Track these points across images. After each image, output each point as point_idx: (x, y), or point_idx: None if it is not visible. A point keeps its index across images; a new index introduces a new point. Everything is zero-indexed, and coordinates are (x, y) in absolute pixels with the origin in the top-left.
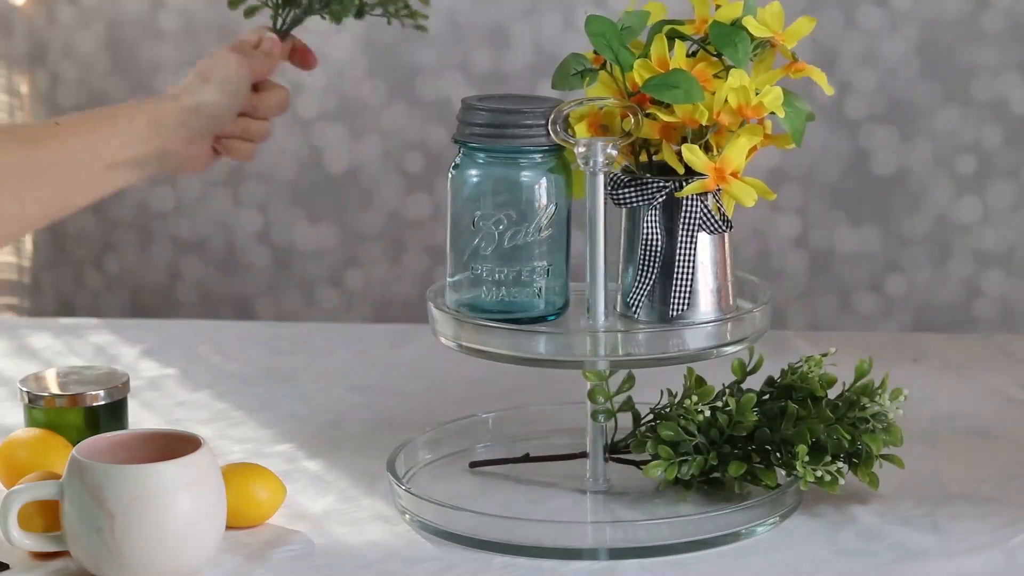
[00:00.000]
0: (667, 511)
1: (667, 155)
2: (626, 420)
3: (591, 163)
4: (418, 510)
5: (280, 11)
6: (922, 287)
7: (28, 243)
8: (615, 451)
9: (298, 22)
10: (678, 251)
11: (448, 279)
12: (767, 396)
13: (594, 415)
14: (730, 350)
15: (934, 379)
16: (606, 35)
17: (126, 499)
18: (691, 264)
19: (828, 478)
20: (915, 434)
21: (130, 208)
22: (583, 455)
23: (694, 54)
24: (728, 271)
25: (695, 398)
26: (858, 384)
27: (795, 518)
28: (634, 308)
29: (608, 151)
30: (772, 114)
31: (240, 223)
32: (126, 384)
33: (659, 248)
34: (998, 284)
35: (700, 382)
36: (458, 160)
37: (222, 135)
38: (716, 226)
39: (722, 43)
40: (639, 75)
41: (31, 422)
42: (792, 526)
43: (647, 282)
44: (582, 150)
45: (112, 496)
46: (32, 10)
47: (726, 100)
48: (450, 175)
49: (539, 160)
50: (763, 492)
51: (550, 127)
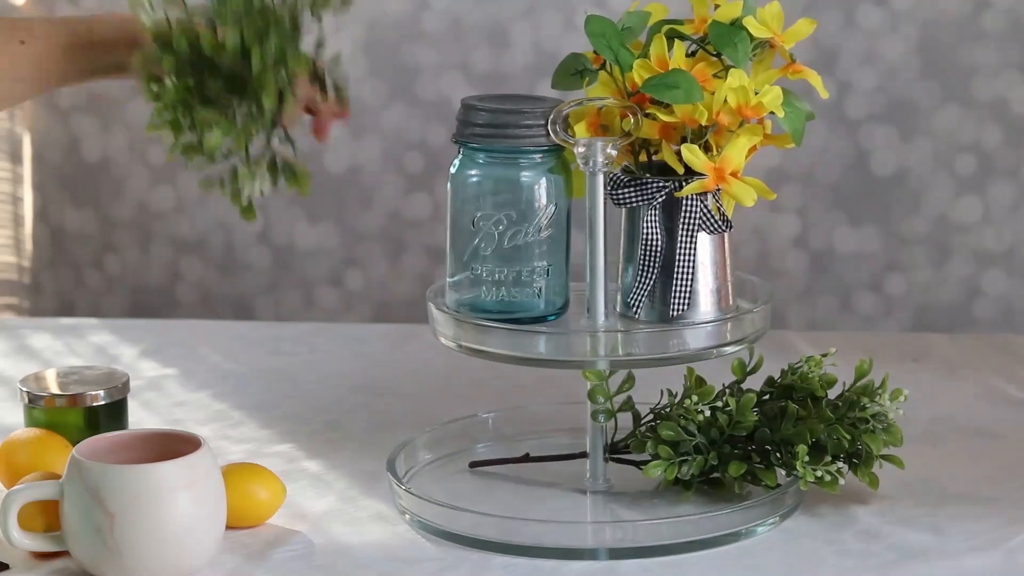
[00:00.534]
0: (667, 511)
1: (667, 155)
2: (626, 420)
3: (591, 163)
4: (418, 510)
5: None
6: (922, 287)
7: (28, 243)
8: (615, 451)
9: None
10: (678, 251)
11: (448, 279)
12: (767, 396)
13: (594, 415)
14: (730, 350)
15: (934, 379)
16: (606, 35)
17: (126, 499)
18: (691, 264)
19: (828, 478)
20: (915, 434)
21: (130, 208)
22: (583, 455)
23: (693, 54)
24: (728, 271)
25: (695, 398)
26: (858, 384)
27: (795, 518)
28: (634, 308)
29: (608, 151)
30: (772, 114)
31: (240, 223)
32: (126, 384)
33: (659, 248)
34: (998, 284)
35: (700, 382)
36: (457, 161)
37: None
38: (716, 226)
39: (722, 43)
40: (638, 75)
41: (31, 422)
42: (792, 526)
43: (647, 282)
44: (582, 150)
45: (112, 496)
46: (32, 10)
47: (725, 100)
48: (450, 175)
49: (539, 160)
50: (763, 492)
51: (550, 127)
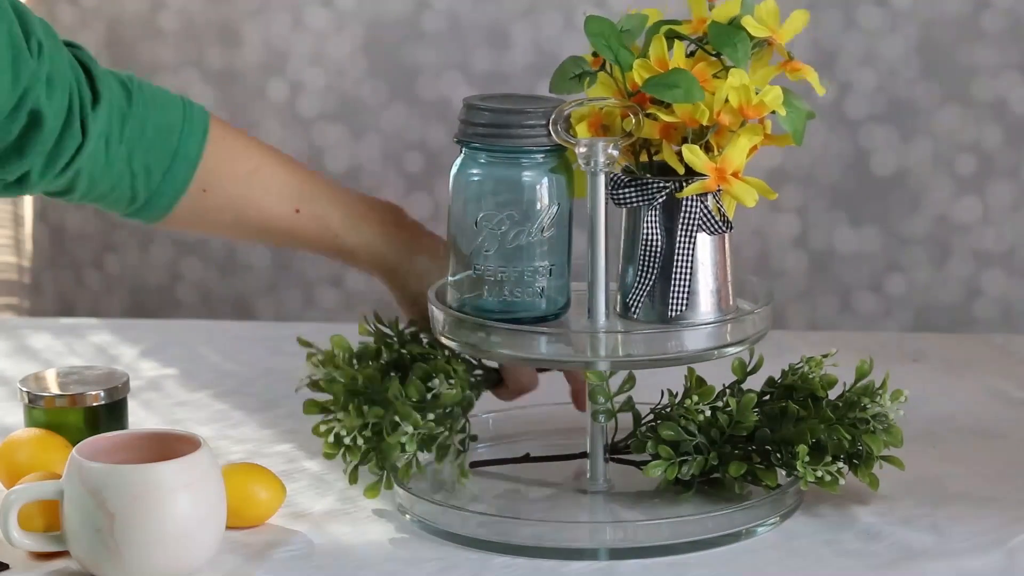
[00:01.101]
0: (667, 511)
1: (667, 155)
2: (626, 420)
3: (592, 163)
4: (418, 510)
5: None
6: (922, 287)
7: (28, 243)
8: (615, 451)
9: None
10: (678, 251)
11: (450, 279)
12: (768, 396)
13: (594, 415)
14: (730, 351)
15: (934, 379)
16: (605, 35)
17: (126, 499)
18: (691, 264)
19: (828, 478)
20: (915, 434)
21: None
22: (583, 455)
23: (692, 54)
24: (728, 271)
25: (695, 398)
26: (859, 385)
27: (795, 518)
28: (634, 308)
29: (609, 151)
30: (772, 114)
31: None
32: (126, 384)
33: (659, 248)
34: (998, 284)
35: (700, 382)
36: (459, 161)
37: None
38: (716, 226)
39: (721, 43)
40: (639, 75)
41: (31, 422)
42: (792, 526)
43: (647, 282)
44: (583, 150)
45: (112, 496)
46: (32, 10)
47: (727, 100)
48: (451, 175)
49: (541, 160)
50: (763, 492)
51: (551, 127)
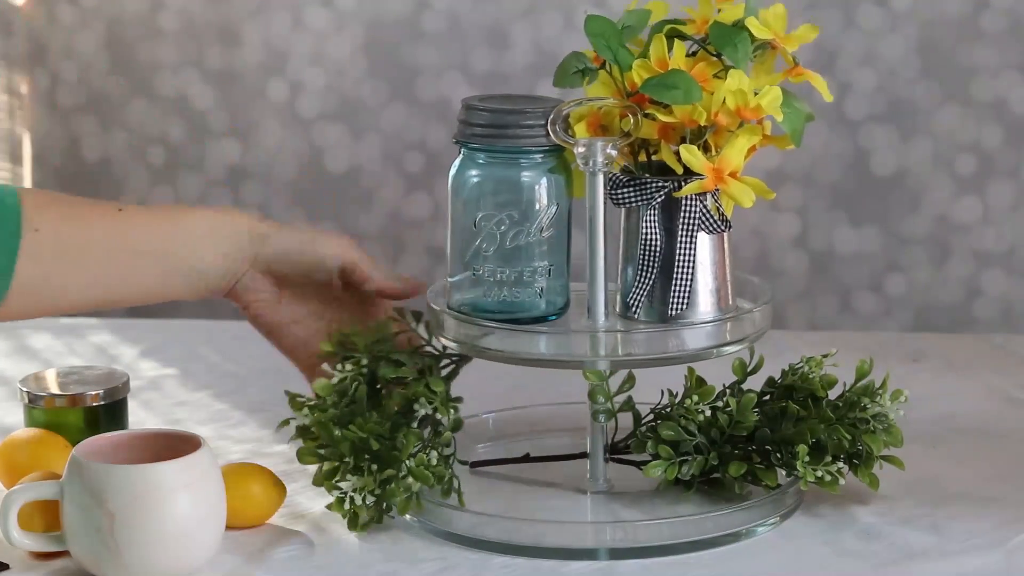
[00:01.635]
0: (667, 511)
1: (666, 155)
2: (626, 420)
3: (591, 163)
4: (418, 510)
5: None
6: (922, 287)
7: None
8: (615, 451)
9: None
10: (677, 251)
11: (449, 279)
12: (768, 396)
13: (594, 415)
14: (730, 350)
15: (934, 379)
16: (605, 35)
17: (126, 499)
18: (690, 264)
19: (828, 478)
20: (915, 434)
21: None
22: (583, 455)
23: (694, 54)
24: (727, 271)
25: (695, 398)
26: (859, 385)
27: (795, 518)
28: (634, 308)
29: (607, 151)
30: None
31: None
32: (126, 384)
33: (658, 248)
34: (998, 284)
35: (700, 382)
36: (458, 162)
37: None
38: (715, 226)
39: (722, 43)
40: (638, 75)
41: (31, 422)
42: (792, 526)
43: (646, 282)
44: (582, 150)
45: (112, 496)
46: (32, 10)
47: (724, 101)
48: (451, 175)
49: (539, 160)
50: (763, 492)
51: (550, 127)
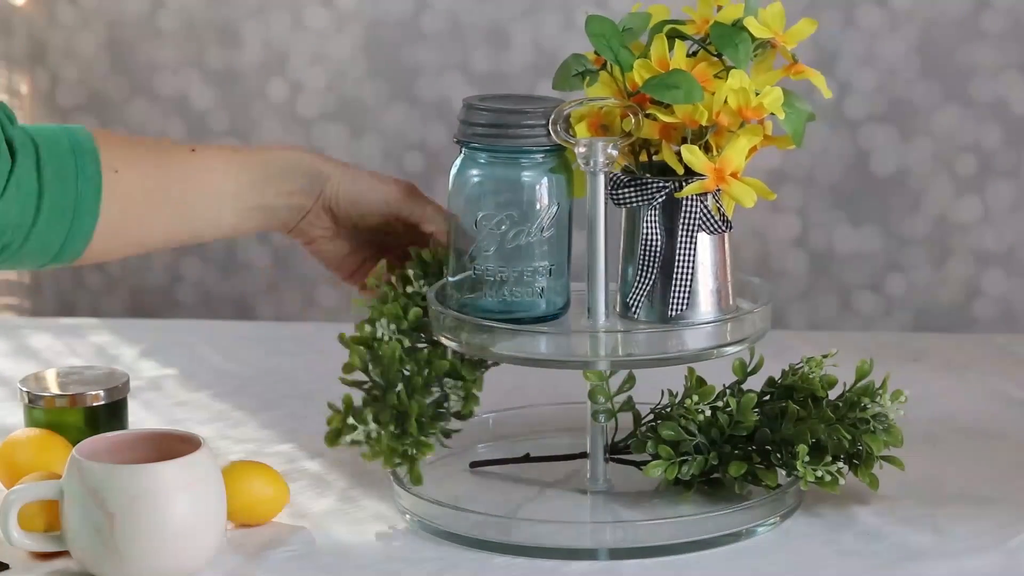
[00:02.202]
0: (667, 511)
1: (667, 155)
2: (626, 420)
3: (591, 163)
4: (418, 510)
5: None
6: (922, 287)
7: None
8: (615, 451)
9: None
10: (678, 251)
11: (449, 279)
12: (768, 396)
13: (594, 415)
14: (730, 350)
15: (934, 379)
16: (606, 35)
17: (126, 499)
18: (691, 264)
19: (828, 478)
20: (915, 434)
21: None
22: (583, 455)
23: (694, 54)
24: (728, 271)
25: (696, 398)
26: (859, 385)
27: (795, 518)
28: (634, 308)
29: (608, 151)
30: (772, 114)
31: None
32: (126, 384)
33: (659, 248)
34: (998, 284)
35: (701, 382)
36: (459, 161)
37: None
38: (716, 226)
39: (723, 43)
40: (639, 75)
41: (31, 422)
42: (792, 526)
43: (647, 282)
44: (583, 150)
45: (112, 496)
46: (32, 10)
47: (725, 101)
48: (451, 175)
49: (540, 160)
50: (763, 492)
51: (551, 127)
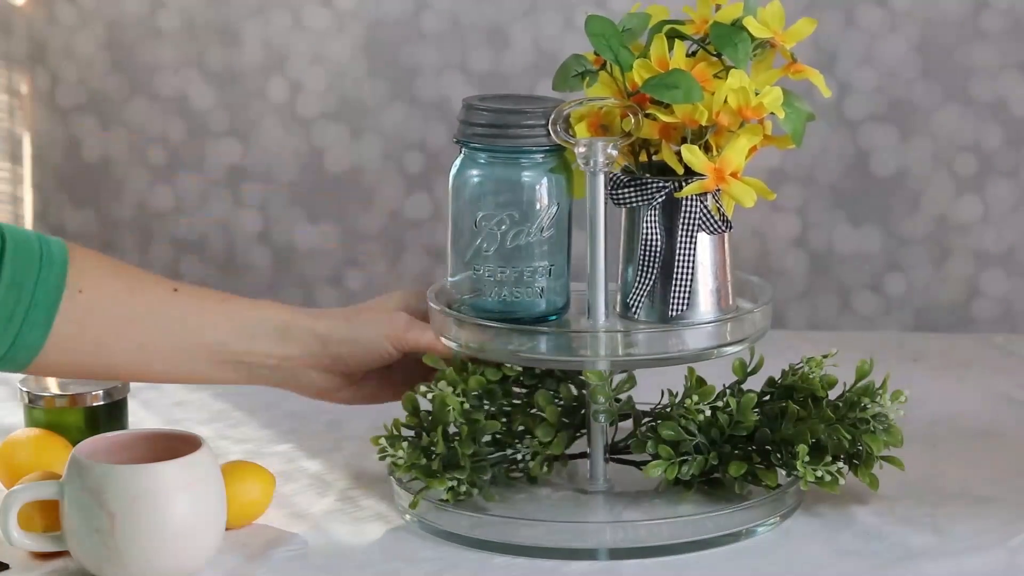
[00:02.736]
0: (667, 511)
1: (667, 155)
2: (626, 420)
3: (591, 163)
4: (418, 510)
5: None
6: (922, 287)
7: None
8: (615, 451)
9: None
10: (678, 251)
11: (449, 279)
12: (768, 396)
13: (594, 415)
14: (730, 350)
15: (934, 379)
16: (606, 35)
17: (126, 499)
18: (691, 264)
19: (828, 478)
20: (915, 434)
21: (130, 208)
22: (583, 455)
23: (694, 54)
24: (728, 271)
25: (695, 398)
26: (859, 385)
27: (795, 518)
28: (634, 308)
29: (608, 151)
30: (772, 114)
31: (240, 223)
32: (126, 384)
33: (659, 248)
34: (998, 284)
35: (700, 382)
36: (459, 161)
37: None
38: (716, 226)
39: (722, 43)
40: (639, 75)
41: (31, 422)
42: (792, 526)
43: (647, 282)
44: (582, 150)
45: (112, 496)
46: (32, 10)
47: (725, 100)
48: (451, 175)
49: (540, 160)
50: (763, 492)
51: (551, 127)
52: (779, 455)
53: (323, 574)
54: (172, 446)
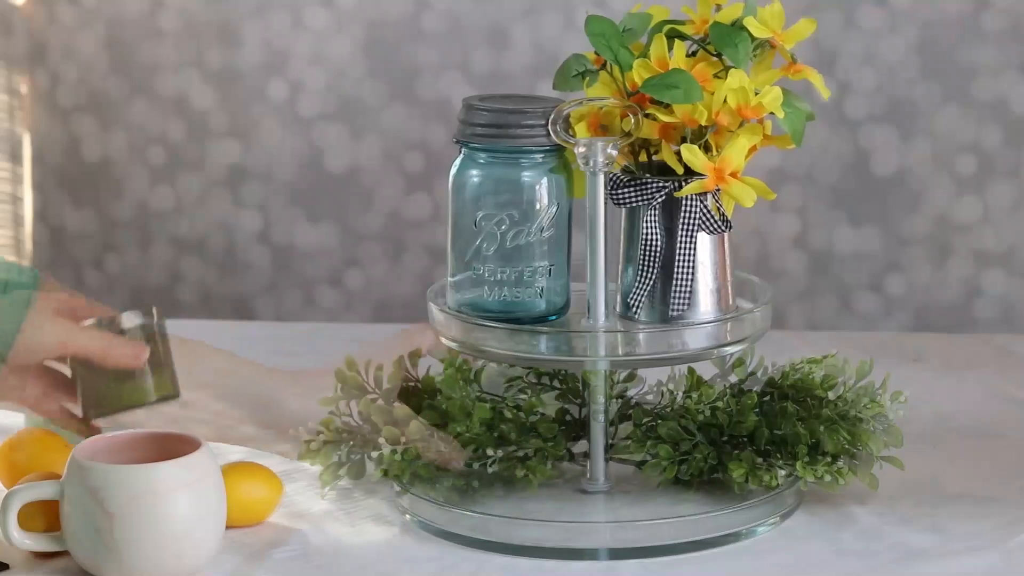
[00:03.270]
0: (667, 511)
1: (666, 155)
2: (626, 420)
3: (591, 163)
4: (418, 510)
5: None
6: (922, 287)
7: (28, 243)
8: (615, 451)
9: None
10: (678, 251)
11: (449, 279)
12: (768, 396)
13: (594, 415)
14: (730, 350)
15: (934, 379)
16: (606, 35)
17: (126, 499)
18: (691, 264)
19: (828, 478)
20: (915, 434)
21: (130, 208)
22: (583, 455)
23: (694, 54)
24: (728, 271)
25: (695, 398)
26: (859, 385)
27: (795, 518)
28: (634, 308)
29: (608, 151)
30: (772, 114)
31: (240, 223)
32: None
33: (659, 248)
34: (998, 284)
35: (700, 382)
36: (458, 161)
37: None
38: (715, 226)
39: (722, 43)
40: (638, 75)
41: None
42: (792, 526)
43: (647, 282)
44: (582, 150)
45: (112, 496)
46: (32, 10)
47: (725, 100)
48: (451, 175)
49: (540, 160)
50: (763, 492)
51: (551, 127)
52: (779, 455)
53: (323, 574)
54: (172, 446)
